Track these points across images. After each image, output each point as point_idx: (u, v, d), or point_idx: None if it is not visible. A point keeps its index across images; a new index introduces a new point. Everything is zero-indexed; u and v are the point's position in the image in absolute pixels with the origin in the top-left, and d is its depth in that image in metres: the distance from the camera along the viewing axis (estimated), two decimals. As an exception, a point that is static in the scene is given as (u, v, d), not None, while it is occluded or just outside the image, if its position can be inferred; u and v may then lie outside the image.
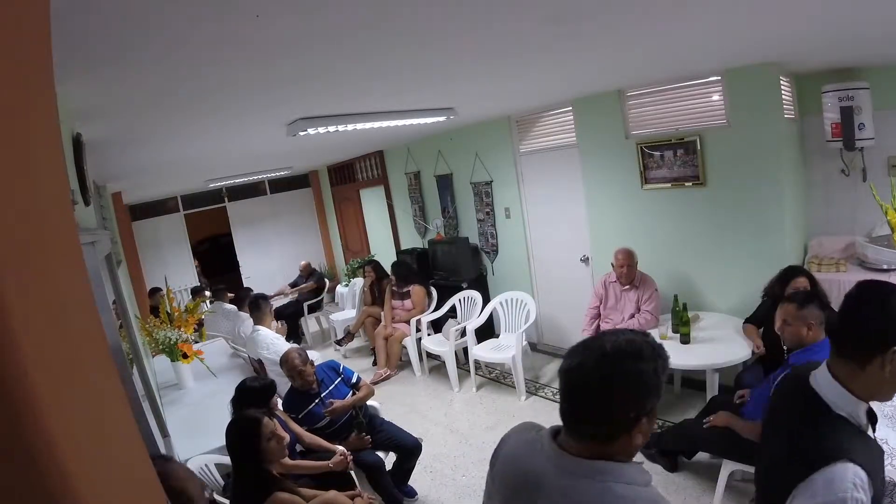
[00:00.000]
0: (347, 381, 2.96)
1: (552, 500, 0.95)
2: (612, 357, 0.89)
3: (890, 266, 3.05)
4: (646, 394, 0.89)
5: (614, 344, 0.90)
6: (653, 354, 0.90)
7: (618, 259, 3.54)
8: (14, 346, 0.35)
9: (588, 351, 0.92)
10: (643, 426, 0.91)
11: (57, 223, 0.52)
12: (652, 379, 0.89)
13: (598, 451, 0.93)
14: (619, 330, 0.96)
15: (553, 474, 0.96)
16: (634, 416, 0.90)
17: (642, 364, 0.88)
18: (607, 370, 0.89)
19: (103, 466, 0.48)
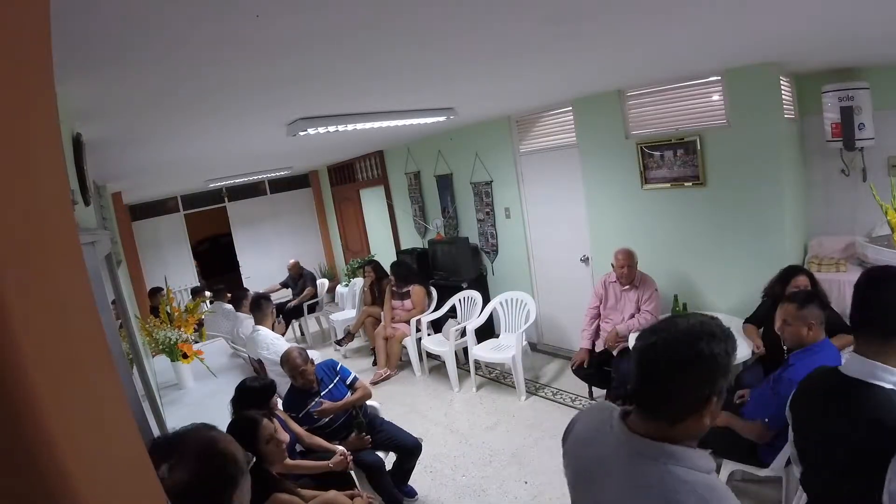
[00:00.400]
0: (343, 380, 2.96)
1: (616, 480, 0.99)
2: (685, 337, 0.92)
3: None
4: (716, 374, 0.92)
5: (687, 325, 0.94)
6: (723, 335, 0.93)
7: (618, 259, 3.54)
8: (14, 346, 0.35)
9: (661, 332, 0.95)
10: (712, 406, 0.94)
11: (57, 223, 0.52)
12: (722, 359, 0.92)
13: (667, 432, 0.96)
14: (692, 313, 1.02)
15: (620, 455, 1.00)
16: (705, 396, 0.93)
17: (714, 344, 0.91)
18: (680, 350, 0.92)
19: (103, 466, 0.48)
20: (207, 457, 1.07)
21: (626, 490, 0.98)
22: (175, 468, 1.02)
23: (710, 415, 0.95)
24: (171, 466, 1.02)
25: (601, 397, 3.78)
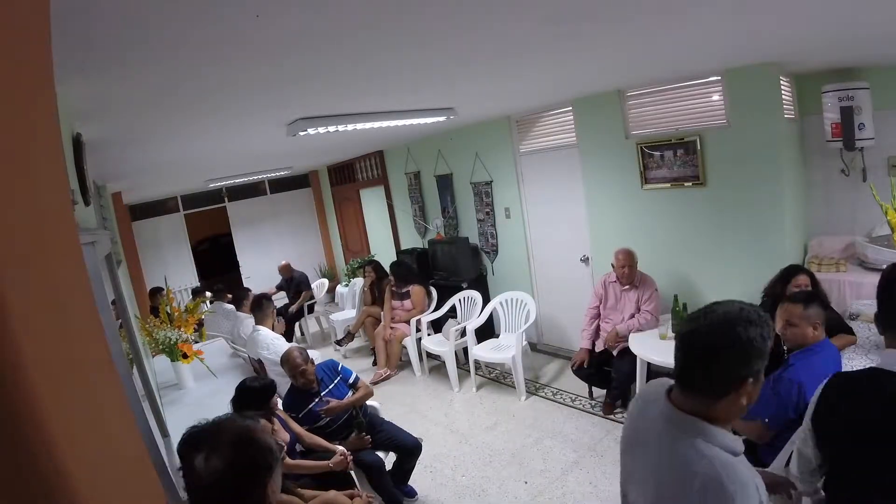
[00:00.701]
0: (346, 380, 2.96)
1: (652, 448, 1.12)
2: (723, 323, 1.01)
3: (890, 266, 3.05)
4: (751, 356, 0.99)
5: (725, 311, 1.02)
6: (759, 321, 1.00)
7: (618, 259, 3.54)
8: (14, 347, 0.35)
9: (704, 317, 1.04)
10: (749, 387, 1.01)
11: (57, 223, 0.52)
12: (758, 343, 0.99)
13: (705, 409, 1.04)
14: (732, 300, 1.07)
15: (658, 426, 1.11)
16: (741, 377, 1.00)
17: (751, 329, 0.98)
18: (718, 334, 1.00)
19: (103, 466, 0.48)
20: (243, 445, 1.08)
21: (656, 458, 1.10)
22: (210, 457, 1.02)
23: (746, 395, 1.01)
24: (206, 456, 1.02)
25: (601, 397, 3.78)
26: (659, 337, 3.25)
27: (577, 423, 3.59)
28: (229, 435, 1.08)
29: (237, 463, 1.05)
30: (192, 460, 1.02)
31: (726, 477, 0.98)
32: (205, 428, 1.11)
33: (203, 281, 7.70)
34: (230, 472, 1.03)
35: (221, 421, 1.14)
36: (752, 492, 1.00)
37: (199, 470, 1.01)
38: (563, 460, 3.17)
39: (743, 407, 1.03)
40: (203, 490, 1.02)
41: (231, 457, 1.04)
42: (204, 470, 1.01)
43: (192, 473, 1.03)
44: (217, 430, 1.10)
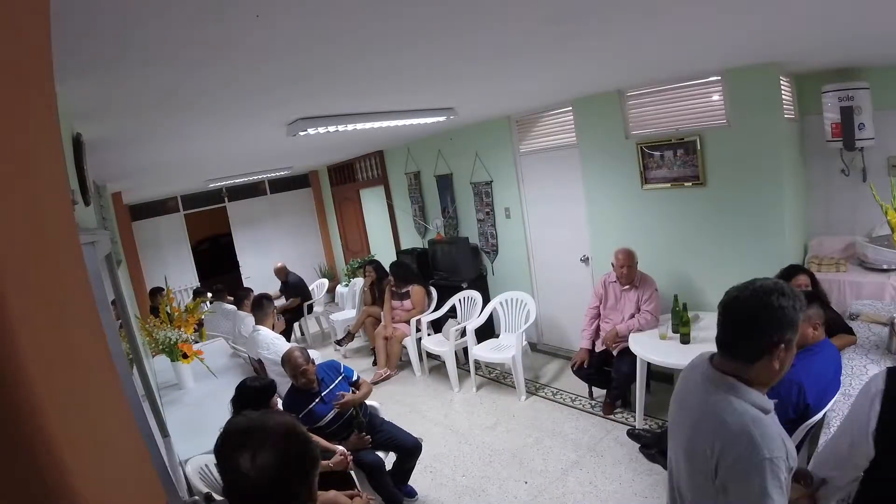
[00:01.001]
0: (348, 379, 2.97)
1: (693, 405, 1.26)
2: (759, 292, 1.15)
3: (890, 266, 3.05)
4: (785, 323, 1.12)
5: (763, 283, 1.17)
6: (792, 294, 1.14)
7: (618, 259, 3.54)
8: (14, 346, 0.35)
9: (745, 288, 1.19)
10: (781, 353, 1.14)
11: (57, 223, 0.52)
12: (790, 312, 1.12)
13: (741, 371, 1.18)
14: (768, 277, 1.22)
15: (700, 385, 1.25)
16: (774, 342, 1.13)
17: (783, 300, 1.12)
18: (755, 302, 1.15)
19: (103, 465, 0.48)
20: (292, 438, 1.05)
21: (696, 413, 1.24)
22: (259, 454, 0.99)
23: (778, 360, 1.14)
24: (253, 454, 0.99)
25: (601, 397, 3.78)
26: (659, 337, 3.25)
27: (577, 423, 3.59)
28: (276, 429, 1.05)
29: (289, 456, 1.02)
30: (236, 460, 0.98)
31: (754, 427, 1.11)
32: (246, 426, 1.06)
33: (203, 281, 7.70)
34: (283, 466, 1.00)
35: (262, 417, 1.10)
36: (779, 444, 1.12)
37: (245, 469, 0.97)
38: (563, 460, 3.17)
39: (776, 371, 1.15)
40: (253, 489, 0.98)
41: (283, 451, 1.01)
42: (252, 468, 0.97)
43: (237, 473, 0.98)
44: (262, 426, 1.05)
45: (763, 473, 1.11)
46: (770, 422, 1.15)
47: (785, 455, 1.12)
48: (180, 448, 2.46)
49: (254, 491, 0.97)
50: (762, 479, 1.11)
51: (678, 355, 3.05)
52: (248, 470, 0.97)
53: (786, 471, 1.13)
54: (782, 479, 1.11)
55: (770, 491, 1.09)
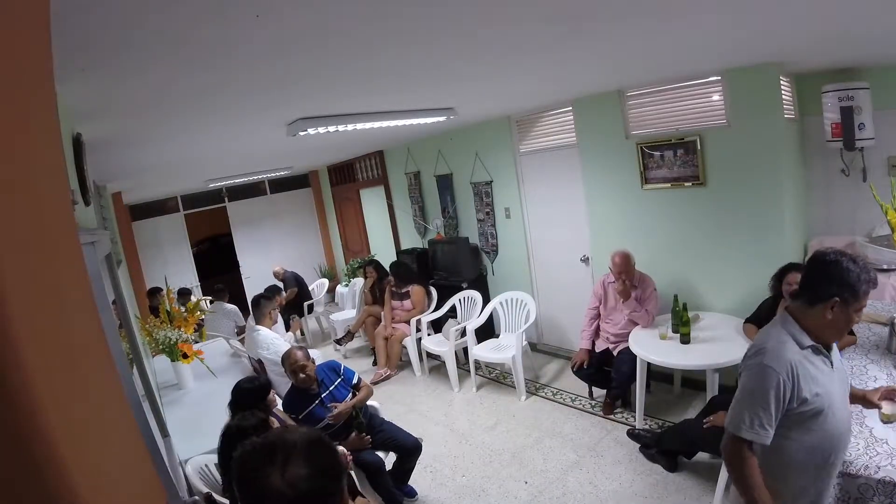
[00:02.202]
0: (348, 382, 2.96)
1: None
2: (837, 252, 1.39)
3: (890, 266, 3.05)
4: (843, 281, 1.34)
5: (844, 249, 1.41)
6: (863, 266, 1.36)
7: (615, 263, 3.50)
8: (15, 346, 0.35)
9: (828, 249, 1.42)
10: (836, 307, 1.35)
11: (57, 223, 0.52)
12: (852, 275, 1.34)
13: (800, 310, 1.43)
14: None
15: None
16: (830, 294, 1.36)
17: (850, 264, 1.35)
18: (830, 256, 1.39)
19: (103, 465, 0.48)
20: (321, 447, 1.01)
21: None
22: (288, 466, 0.94)
23: (832, 313, 1.36)
24: (282, 468, 0.93)
25: (601, 397, 3.78)
26: (659, 337, 3.25)
27: (577, 423, 3.59)
28: (303, 441, 1.00)
29: (320, 465, 0.97)
30: (264, 476, 0.92)
31: (770, 343, 1.40)
32: (268, 442, 1.00)
33: (203, 281, 7.70)
34: (316, 476, 0.95)
35: (281, 433, 1.05)
36: (784, 365, 1.34)
37: (277, 485, 0.90)
38: (563, 460, 3.17)
39: (828, 322, 1.37)
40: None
41: (315, 461, 0.97)
42: (284, 482, 0.91)
43: (269, 491, 0.92)
44: (284, 440, 1.00)
45: (755, 375, 1.39)
46: (790, 346, 1.38)
47: (787, 376, 1.34)
48: (180, 448, 2.46)
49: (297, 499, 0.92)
50: (751, 379, 1.40)
51: (678, 355, 3.05)
52: (280, 486, 0.91)
53: (783, 389, 1.34)
54: (771, 392, 1.34)
55: (752, 391, 1.38)
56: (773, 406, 1.35)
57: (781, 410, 1.36)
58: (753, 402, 1.37)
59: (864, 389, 1.71)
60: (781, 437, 1.41)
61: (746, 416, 1.38)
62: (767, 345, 1.41)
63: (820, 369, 1.41)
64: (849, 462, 1.62)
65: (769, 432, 1.37)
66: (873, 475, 1.58)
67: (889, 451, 1.66)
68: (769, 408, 1.35)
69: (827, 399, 1.39)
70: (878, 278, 1.41)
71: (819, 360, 1.42)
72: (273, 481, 0.91)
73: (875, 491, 1.57)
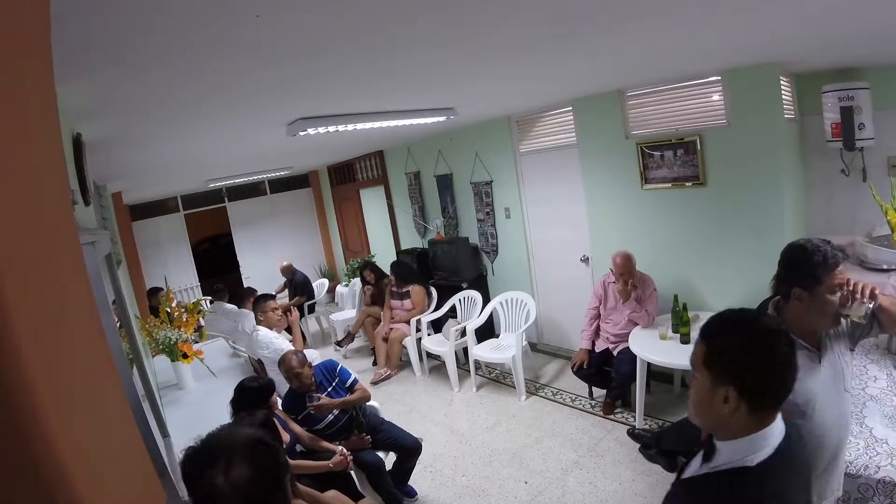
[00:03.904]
0: (344, 383, 2.95)
1: None
2: (789, 246, 1.46)
3: (890, 266, 3.05)
4: (799, 272, 1.39)
5: (791, 243, 1.46)
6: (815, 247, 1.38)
7: (616, 265, 3.50)
8: (14, 346, 0.35)
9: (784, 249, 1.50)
10: (805, 297, 1.38)
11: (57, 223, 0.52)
12: (803, 263, 1.38)
13: (783, 309, 1.46)
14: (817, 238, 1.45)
15: None
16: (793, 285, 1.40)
17: (802, 253, 1.39)
18: (784, 253, 1.46)
19: (103, 465, 0.48)
20: (262, 447, 1.03)
21: None
22: (231, 467, 0.96)
23: (803, 304, 1.38)
24: (226, 467, 0.96)
25: (601, 397, 3.78)
26: (659, 337, 3.25)
27: (577, 423, 3.59)
28: (243, 441, 1.02)
29: (262, 465, 0.99)
30: (209, 477, 0.95)
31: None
32: (210, 442, 1.04)
33: (203, 281, 7.70)
34: (258, 476, 0.97)
35: (226, 432, 1.07)
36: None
37: (219, 485, 0.93)
38: (563, 460, 3.17)
39: (803, 313, 1.39)
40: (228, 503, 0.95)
41: (255, 461, 0.99)
42: (226, 482, 0.94)
43: (210, 489, 0.94)
44: (227, 440, 1.04)
45: None
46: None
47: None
48: (180, 448, 2.46)
49: (239, 499, 0.95)
50: None
51: (678, 355, 3.05)
52: (222, 485, 0.93)
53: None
54: None
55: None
56: None
57: None
58: None
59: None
60: None
61: None
62: None
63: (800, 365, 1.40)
64: (849, 462, 1.63)
65: None
66: (873, 475, 1.58)
67: (889, 451, 1.66)
68: None
69: (804, 395, 1.39)
70: (840, 251, 1.39)
71: (800, 356, 1.37)
72: (217, 483, 0.93)
73: (875, 491, 1.57)
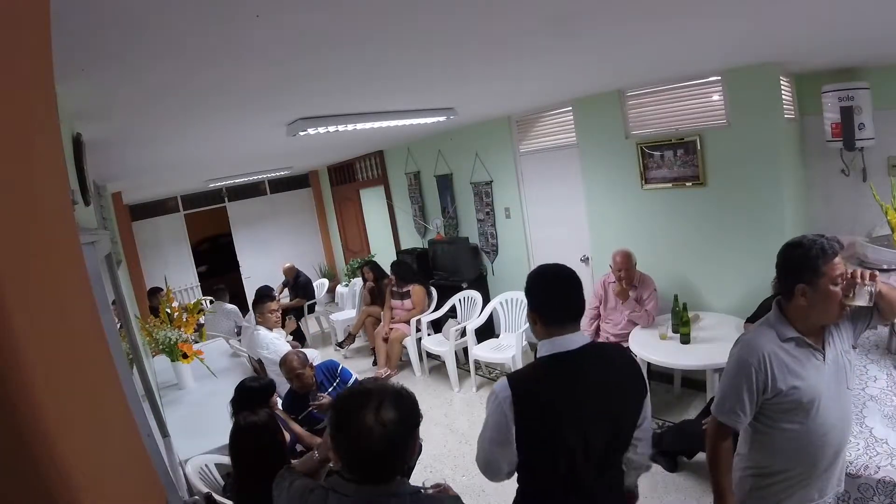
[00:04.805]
0: (345, 383, 2.95)
1: None
2: (784, 247, 1.46)
3: (890, 266, 3.05)
4: (798, 266, 1.39)
5: (788, 241, 1.46)
6: (812, 240, 1.39)
7: (616, 262, 3.50)
8: (15, 346, 0.35)
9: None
10: (807, 292, 1.38)
11: (57, 223, 0.52)
12: (801, 257, 1.38)
13: (785, 306, 1.46)
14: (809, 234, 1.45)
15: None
16: (795, 282, 1.39)
17: (798, 249, 1.40)
18: (781, 252, 1.46)
19: (103, 465, 0.48)
20: (406, 397, 1.16)
21: None
22: (381, 409, 1.08)
23: (805, 299, 1.38)
24: (377, 409, 1.08)
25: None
26: (659, 337, 3.25)
27: (577, 423, 3.58)
28: (391, 390, 1.15)
29: (405, 411, 1.12)
30: (362, 415, 1.07)
31: (749, 335, 1.48)
32: (365, 388, 1.16)
33: (203, 281, 7.70)
34: (400, 419, 1.09)
35: (374, 383, 1.20)
36: (756, 353, 1.40)
37: (370, 423, 1.06)
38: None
39: (805, 308, 1.39)
40: (380, 440, 1.07)
41: (400, 407, 1.11)
42: (376, 421, 1.06)
43: (361, 426, 1.07)
44: (379, 387, 1.16)
45: (731, 364, 1.46)
46: (763, 340, 1.42)
47: (759, 365, 1.39)
48: (180, 448, 2.46)
49: (380, 442, 1.06)
50: (728, 368, 1.47)
51: (678, 355, 3.05)
52: (373, 425, 1.06)
53: (754, 378, 1.39)
54: (743, 380, 1.40)
55: (727, 378, 1.46)
56: (746, 394, 1.42)
57: (755, 399, 1.43)
58: (728, 389, 1.46)
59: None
60: (768, 428, 1.47)
61: (723, 400, 1.48)
62: (746, 336, 1.51)
63: (803, 363, 1.42)
64: (849, 462, 1.63)
65: (742, 418, 1.45)
66: (873, 475, 1.58)
67: (889, 451, 1.66)
68: (742, 395, 1.42)
69: (810, 393, 1.40)
70: (836, 241, 1.42)
71: (805, 354, 1.43)
72: (368, 420, 1.06)
73: (875, 491, 1.57)
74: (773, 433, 1.47)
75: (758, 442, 1.52)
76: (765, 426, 1.47)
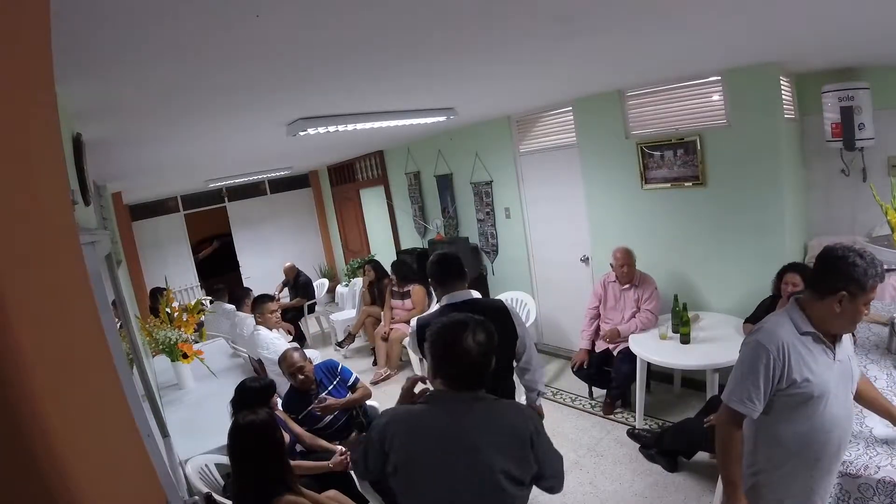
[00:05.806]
0: (345, 382, 2.95)
1: None
2: (845, 247, 1.43)
3: (890, 266, 3.05)
4: (852, 277, 1.38)
5: (847, 246, 1.45)
6: (870, 260, 1.38)
7: (616, 258, 3.53)
8: (15, 346, 0.35)
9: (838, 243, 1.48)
10: (844, 301, 1.39)
11: (57, 223, 0.52)
12: (860, 271, 1.37)
13: (809, 301, 1.47)
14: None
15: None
16: (837, 288, 1.39)
17: (857, 258, 1.39)
18: (838, 250, 1.43)
19: (103, 465, 0.48)
20: (488, 325, 1.46)
21: None
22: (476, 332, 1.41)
23: (839, 305, 1.39)
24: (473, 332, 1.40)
25: (601, 397, 3.78)
26: (659, 337, 3.25)
27: (577, 423, 3.58)
28: (478, 319, 1.45)
29: (489, 334, 1.44)
30: (463, 337, 1.39)
31: (768, 324, 1.50)
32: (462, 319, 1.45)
33: (203, 281, 7.70)
34: (487, 339, 1.42)
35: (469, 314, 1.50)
36: (774, 341, 1.43)
37: (469, 342, 1.38)
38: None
39: (836, 314, 1.40)
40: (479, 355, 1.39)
41: (487, 330, 1.44)
42: (473, 341, 1.39)
43: (465, 344, 1.38)
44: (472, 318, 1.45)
45: (748, 350, 1.48)
46: (782, 332, 1.44)
47: (777, 353, 1.41)
48: (180, 448, 2.46)
49: (478, 357, 1.39)
50: (745, 354, 1.49)
51: (678, 355, 3.05)
52: (470, 344, 1.38)
53: (772, 365, 1.41)
54: (761, 367, 1.42)
55: (743, 364, 1.48)
56: (762, 381, 1.43)
57: (771, 386, 1.44)
58: (744, 375, 1.47)
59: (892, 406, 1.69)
60: (775, 422, 1.49)
61: (737, 387, 1.48)
62: (765, 325, 1.51)
63: (816, 358, 1.45)
64: (849, 462, 1.63)
65: (756, 406, 1.46)
66: (873, 475, 1.58)
67: (889, 451, 1.66)
68: (758, 382, 1.43)
69: (820, 388, 1.43)
70: (884, 273, 1.44)
71: (818, 349, 1.46)
72: (468, 341, 1.38)
73: (875, 491, 1.57)
74: (779, 427, 1.48)
75: (763, 439, 1.54)
76: (772, 420, 1.49)
